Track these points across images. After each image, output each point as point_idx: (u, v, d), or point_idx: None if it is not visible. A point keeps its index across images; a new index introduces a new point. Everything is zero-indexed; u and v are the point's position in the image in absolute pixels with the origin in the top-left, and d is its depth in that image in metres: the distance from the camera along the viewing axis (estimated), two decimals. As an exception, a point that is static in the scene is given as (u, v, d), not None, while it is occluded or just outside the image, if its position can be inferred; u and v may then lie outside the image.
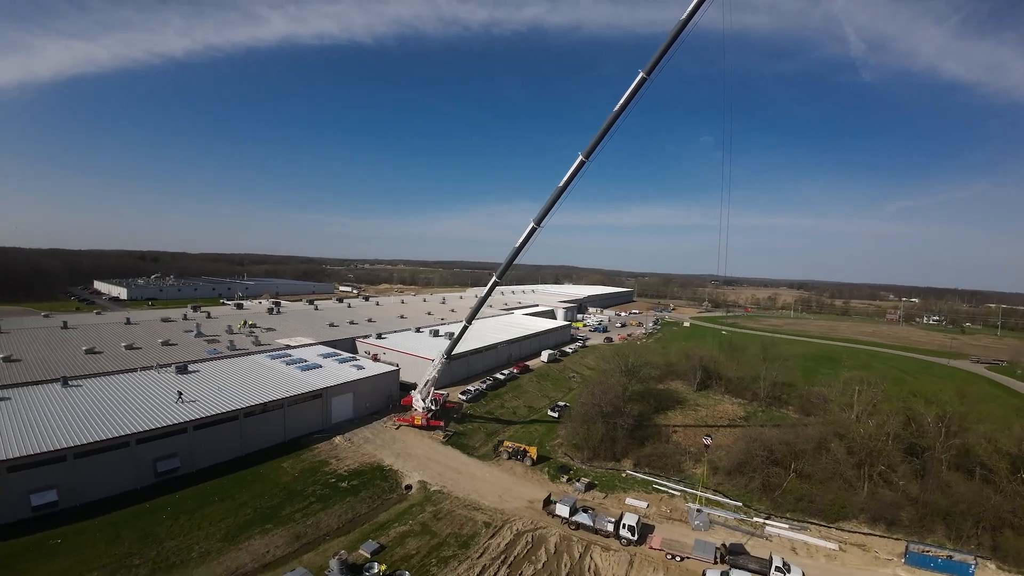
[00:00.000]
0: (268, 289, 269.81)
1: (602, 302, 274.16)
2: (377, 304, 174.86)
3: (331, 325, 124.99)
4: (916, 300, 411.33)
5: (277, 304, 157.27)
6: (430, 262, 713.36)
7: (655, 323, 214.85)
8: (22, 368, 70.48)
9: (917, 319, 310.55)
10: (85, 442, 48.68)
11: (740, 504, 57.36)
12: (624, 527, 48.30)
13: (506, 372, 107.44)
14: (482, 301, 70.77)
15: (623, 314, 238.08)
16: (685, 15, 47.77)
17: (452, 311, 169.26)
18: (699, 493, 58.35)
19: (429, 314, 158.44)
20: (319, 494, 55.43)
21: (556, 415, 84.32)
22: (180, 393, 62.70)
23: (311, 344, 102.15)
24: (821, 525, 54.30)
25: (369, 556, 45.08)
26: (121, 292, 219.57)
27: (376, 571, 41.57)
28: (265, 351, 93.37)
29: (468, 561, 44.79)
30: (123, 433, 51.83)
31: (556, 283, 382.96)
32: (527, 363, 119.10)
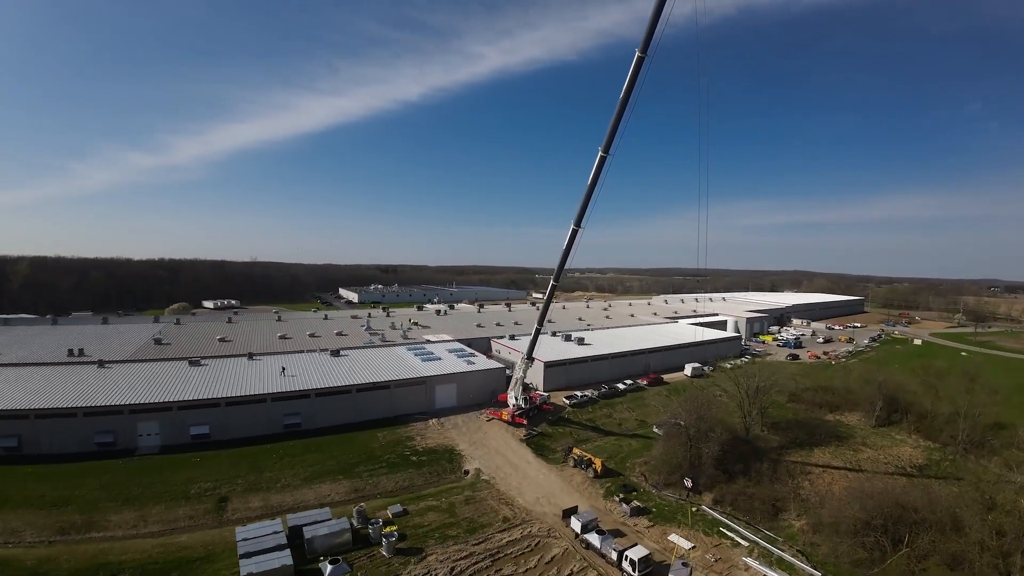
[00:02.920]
0: (468, 295, 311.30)
1: (816, 312, 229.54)
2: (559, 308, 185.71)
3: (478, 326, 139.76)
4: None
5: (451, 307, 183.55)
6: (642, 269, 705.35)
7: (873, 339, 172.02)
8: (229, 346, 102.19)
9: None
10: (234, 395, 69.56)
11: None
12: (626, 560, 43.70)
13: (628, 382, 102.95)
14: (546, 305, 72.29)
15: (838, 327, 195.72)
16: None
17: (607, 317, 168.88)
18: (772, 549, 47.43)
19: (580, 319, 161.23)
20: (391, 462, 65.43)
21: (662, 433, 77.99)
22: (284, 368, 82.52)
23: (448, 340, 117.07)
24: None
25: (391, 516, 52.08)
26: (354, 297, 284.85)
27: (379, 525, 48.19)
28: (407, 344, 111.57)
29: (463, 545, 47.40)
30: (262, 392, 71.68)
31: (773, 290, 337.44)
32: (663, 376, 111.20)
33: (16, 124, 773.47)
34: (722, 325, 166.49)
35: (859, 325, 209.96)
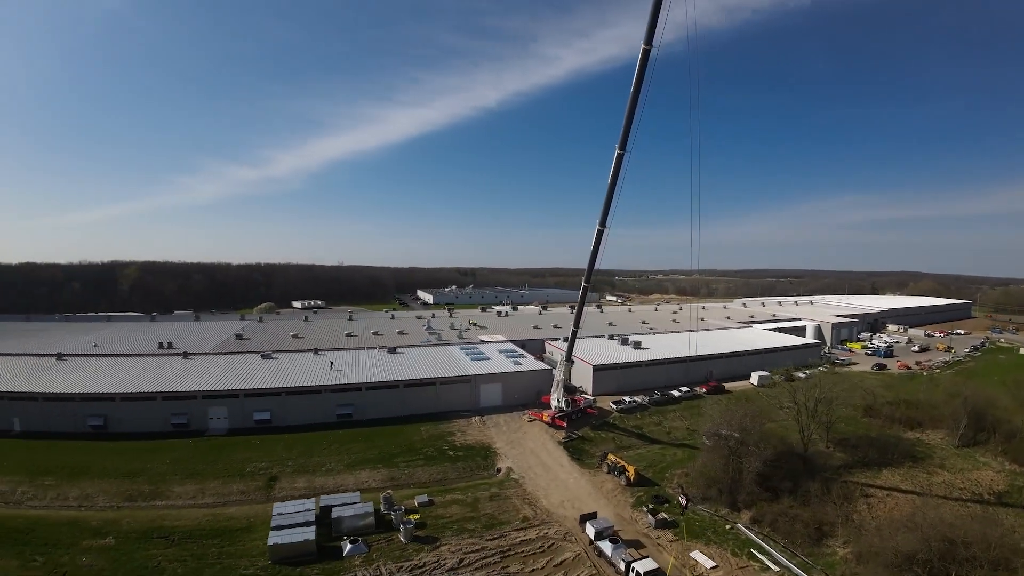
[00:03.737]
0: (539, 298, 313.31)
1: (916, 318, 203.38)
2: (619, 309, 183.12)
3: (535, 328, 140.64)
4: None
5: (514, 308, 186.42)
6: (733, 271, 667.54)
7: (975, 348, 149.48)
8: (300, 342, 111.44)
9: None
10: (292, 386, 76.39)
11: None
12: (633, 571, 42.19)
13: (684, 390, 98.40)
14: (579, 308, 71.57)
15: (938, 334, 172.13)
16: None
17: (673, 321, 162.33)
18: None
19: (644, 322, 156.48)
20: (429, 455, 68.35)
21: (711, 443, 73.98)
22: (332, 362, 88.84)
23: (501, 341, 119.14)
24: None
25: (416, 505, 54.58)
26: (429, 298, 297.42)
27: (401, 512, 50.75)
28: (461, 343, 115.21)
29: (477, 539, 48.56)
30: (318, 384, 78.01)
31: (873, 293, 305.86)
32: (726, 384, 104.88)
33: (134, 142, 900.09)
34: (802, 331, 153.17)
35: (963, 332, 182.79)
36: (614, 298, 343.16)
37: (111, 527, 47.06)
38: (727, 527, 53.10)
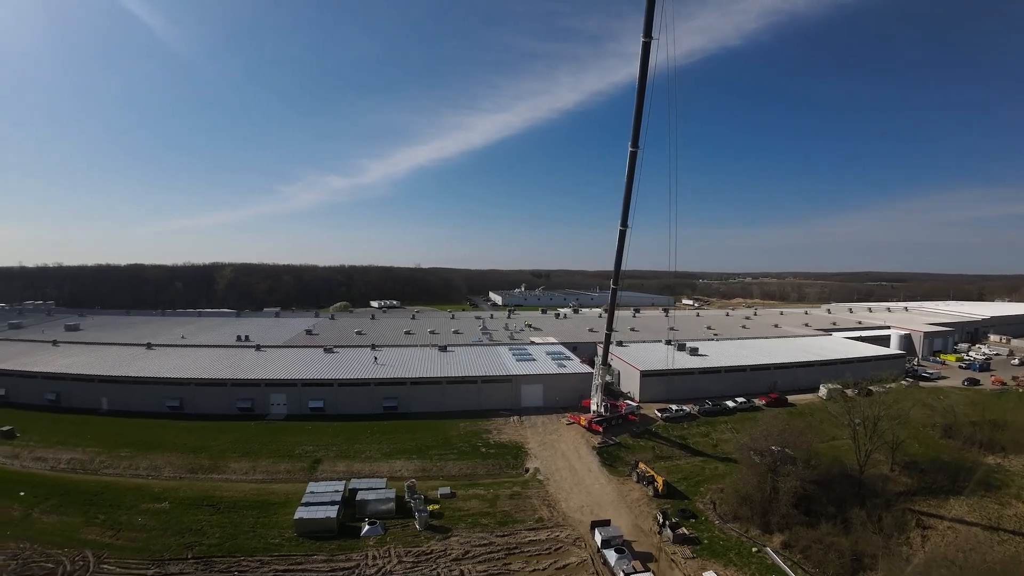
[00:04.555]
0: (607, 301, 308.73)
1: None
2: (687, 314, 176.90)
3: (590, 330, 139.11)
4: None
5: (575, 311, 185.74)
6: (830, 273, 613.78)
7: None
8: (362, 338, 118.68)
9: None
10: (343, 378, 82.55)
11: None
12: None
13: (740, 400, 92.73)
14: (611, 311, 70.50)
15: None
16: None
17: (743, 327, 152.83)
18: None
19: (709, 328, 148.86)
20: (462, 450, 70.81)
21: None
22: (375, 358, 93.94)
23: (552, 343, 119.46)
24: None
25: (439, 496, 56.94)
26: (499, 300, 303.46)
27: (421, 500, 53.35)
28: (511, 344, 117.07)
29: (487, 534, 49.74)
30: (366, 377, 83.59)
31: (981, 298, 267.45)
32: (789, 396, 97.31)
33: (241, 156, 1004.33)
34: (886, 341, 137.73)
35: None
36: (690, 302, 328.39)
37: (169, 494, 54.31)
38: (753, 549, 49.81)
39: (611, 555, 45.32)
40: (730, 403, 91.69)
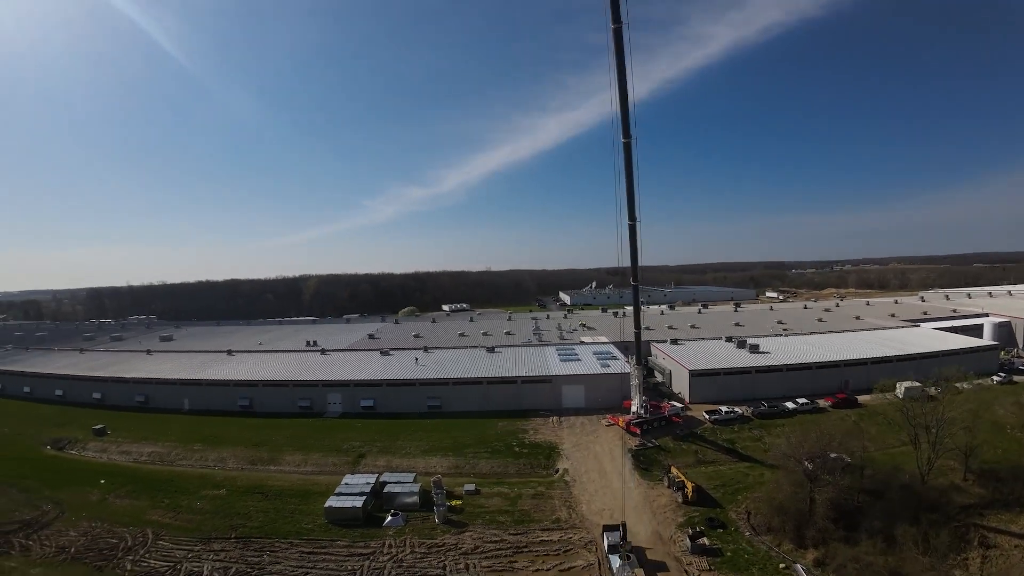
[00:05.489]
0: (683, 296, 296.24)
1: None
2: (756, 307, 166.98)
3: (647, 328, 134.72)
4: None
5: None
6: (938, 256, 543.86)
7: None
8: (419, 341, 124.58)
9: None
10: (392, 379, 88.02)
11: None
12: None
13: (802, 401, 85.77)
14: (636, 309, 68.71)
15: None
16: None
17: (820, 320, 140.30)
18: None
19: (780, 322, 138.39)
20: (496, 449, 72.77)
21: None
22: (416, 359, 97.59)
23: (603, 343, 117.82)
24: None
25: (463, 492, 59.24)
26: (567, 299, 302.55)
27: (443, 495, 55.69)
28: (559, 344, 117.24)
29: (500, 531, 51.03)
30: (412, 378, 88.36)
31: None
32: (861, 396, 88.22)
33: (331, 173, 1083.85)
34: (979, 331, 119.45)
35: None
36: (774, 295, 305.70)
37: (228, 482, 61.74)
38: (780, 565, 46.36)
39: (615, 561, 44.67)
40: (790, 404, 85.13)
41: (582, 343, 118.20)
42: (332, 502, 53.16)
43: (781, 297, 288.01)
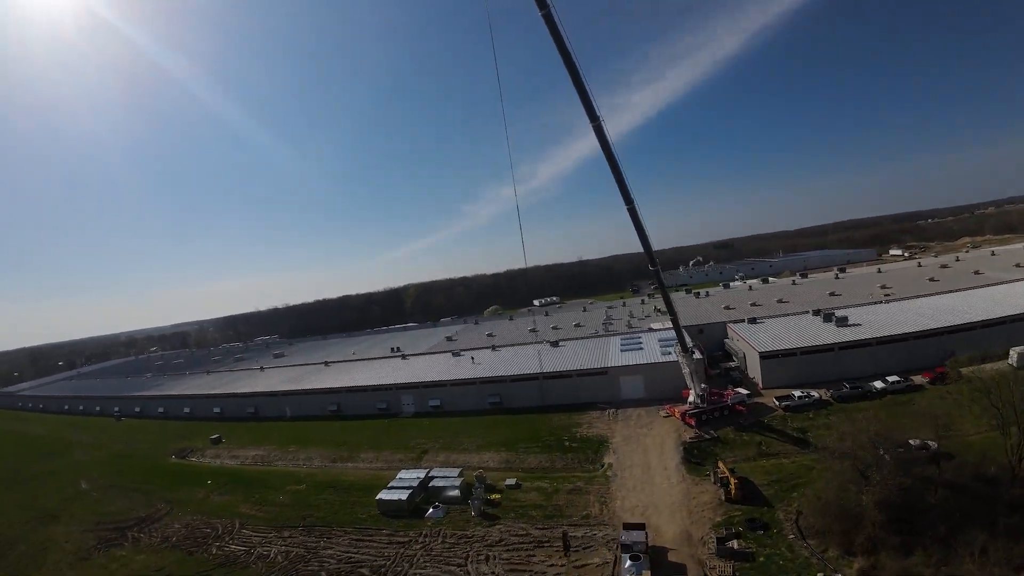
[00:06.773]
0: (793, 265, 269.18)
1: None
2: (861, 271, 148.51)
3: (726, 308, 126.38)
4: None
5: (726, 286, 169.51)
6: None
7: None
8: (492, 340, 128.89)
9: None
10: (455, 379, 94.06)
11: None
12: None
13: (893, 379, 75.19)
14: (663, 292, 67.60)
15: None
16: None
17: (932, 280, 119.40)
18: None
19: (882, 287, 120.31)
20: (547, 443, 74.80)
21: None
22: (472, 358, 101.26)
23: (670, 328, 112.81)
24: None
25: (504, 486, 62.44)
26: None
27: (481, 489, 59.58)
28: (624, 333, 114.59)
29: (528, 525, 53.02)
30: (473, 377, 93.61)
31: None
32: (964, 369, 74.76)
33: (430, 186, 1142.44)
34: None
35: None
36: (899, 252, 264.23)
37: (309, 479, 71.63)
38: (818, 575, 42.46)
39: (625, 560, 44.43)
40: (879, 384, 75.18)
41: (650, 330, 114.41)
42: (383, 495, 59.66)
43: (907, 254, 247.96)
